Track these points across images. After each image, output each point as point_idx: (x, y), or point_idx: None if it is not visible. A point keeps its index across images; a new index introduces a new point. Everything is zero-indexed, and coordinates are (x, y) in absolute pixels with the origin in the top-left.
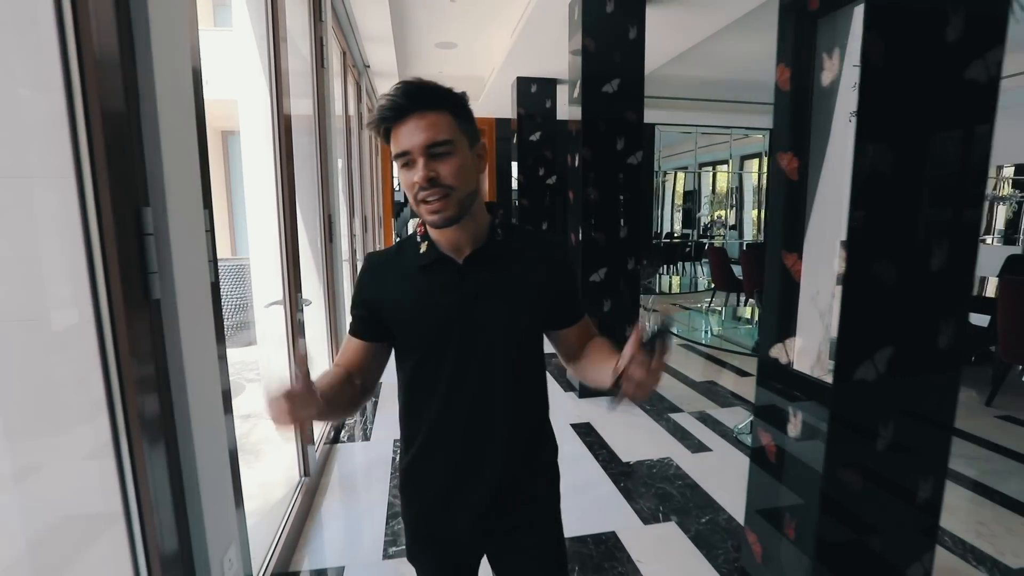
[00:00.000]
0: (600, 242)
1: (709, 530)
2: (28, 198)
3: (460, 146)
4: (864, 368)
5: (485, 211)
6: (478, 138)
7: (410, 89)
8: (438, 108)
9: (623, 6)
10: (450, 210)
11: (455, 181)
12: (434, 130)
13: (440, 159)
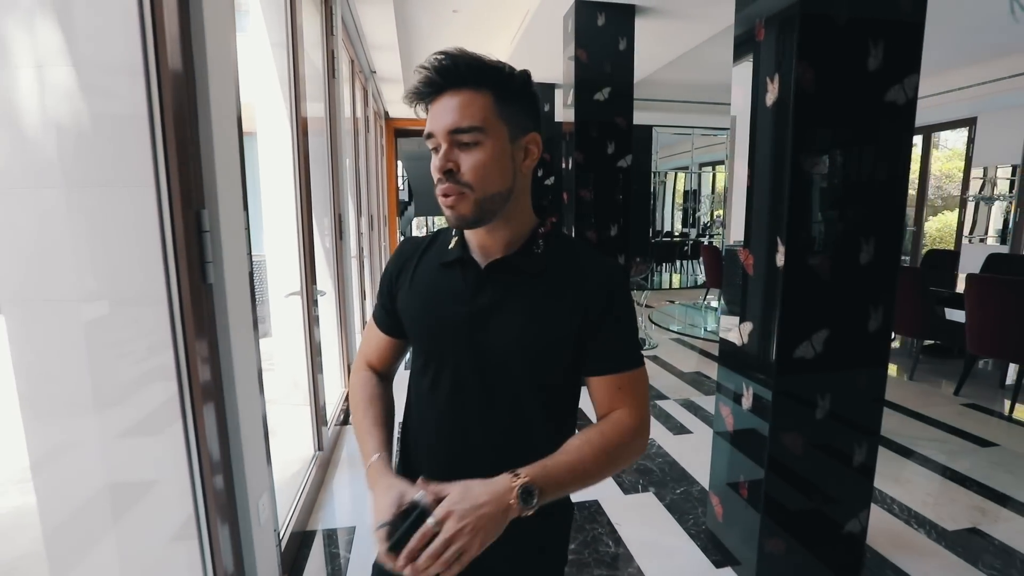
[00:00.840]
0: (592, 240)
1: (682, 499)
2: (122, 202)
3: (494, 136)
4: (803, 347)
5: (529, 214)
6: (529, 128)
7: (445, 62)
8: (477, 86)
9: (613, 19)
10: (464, 210)
11: (473, 178)
12: (462, 113)
13: (465, 148)
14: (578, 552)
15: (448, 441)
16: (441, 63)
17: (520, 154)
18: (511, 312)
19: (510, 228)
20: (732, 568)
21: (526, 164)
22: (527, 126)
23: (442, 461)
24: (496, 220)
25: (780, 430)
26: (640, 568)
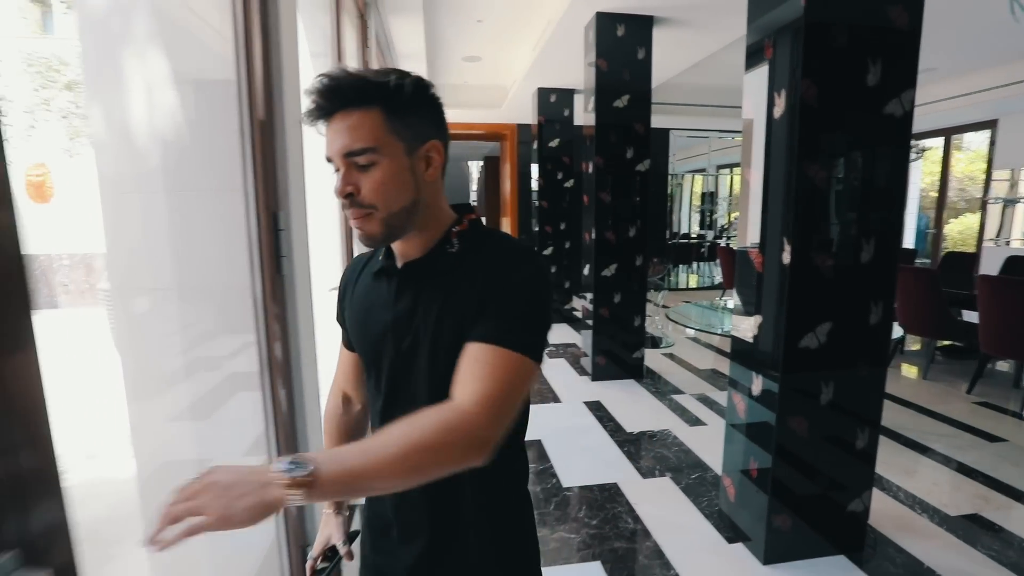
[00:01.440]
0: (611, 241)
1: (697, 483)
2: (216, 205)
3: (389, 153)
4: (808, 338)
5: (444, 217)
6: (428, 136)
7: (327, 85)
8: (364, 105)
9: (632, 29)
10: (372, 230)
11: (375, 198)
12: (352, 135)
13: (363, 170)
14: (599, 527)
15: None
16: (326, 86)
17: (421, 164)
18: (426, 312)
19: (425, 233)
20: (744, 544)
21: (429, 173)
22: (425, 134)
23: None
24: (411, 229)
25: (787, 415)
26: (657, 542)
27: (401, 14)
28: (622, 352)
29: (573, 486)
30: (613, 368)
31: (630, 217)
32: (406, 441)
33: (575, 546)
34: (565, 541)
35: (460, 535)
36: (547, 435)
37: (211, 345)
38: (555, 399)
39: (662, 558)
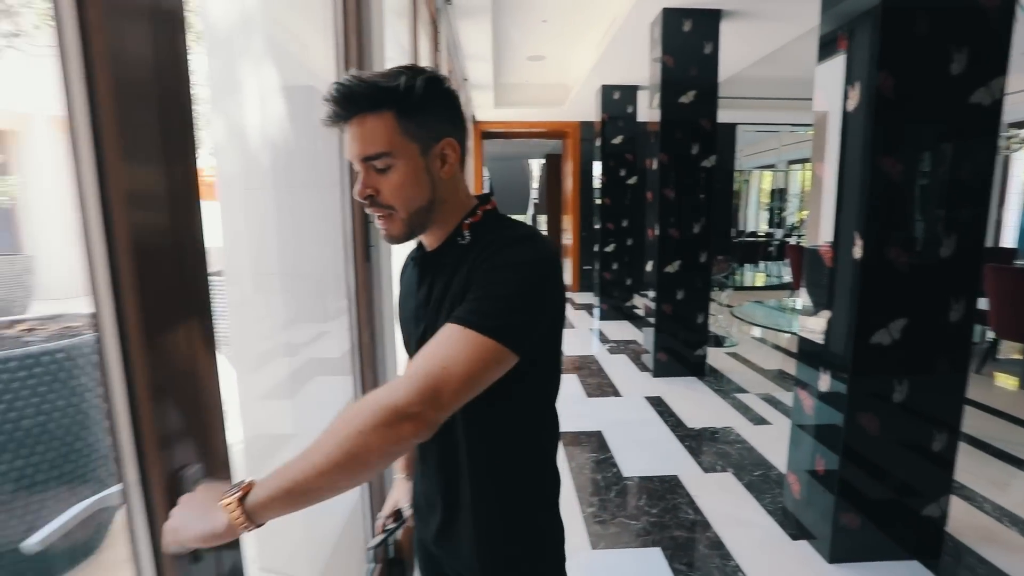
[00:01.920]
0: (674, 238)
1: (760, 480)
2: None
3: (404, 155)
4: (880, 334)
5: (463, 210)
6: (443, 134)
7: (342, 93)
8: (376, 109)
9: (699, 24)
10: (395, 230)
11: (394, 200)
12: (367, 140)
13: (380, 173)
14: (659, 516)
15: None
16: (340, 93)
17: (437, 163)
18: (436, 300)
19: (444, 227)
20: (808, 542)
21: (445, 170)
22: (440, 132)
23: (415, 456)
24: (432, 224)
25: (856, 412)
26: (717, 534)
27: (469, 18)
28: (684, 349)
29: (633, 476)
30: (675, 365)
31: (695, 214)
32: (343, 431)
33: (635, 532)
34: (625, 527)
35: (462, 515)
36: (607, 427)
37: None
38: (615, 393)
39: (722, 549)
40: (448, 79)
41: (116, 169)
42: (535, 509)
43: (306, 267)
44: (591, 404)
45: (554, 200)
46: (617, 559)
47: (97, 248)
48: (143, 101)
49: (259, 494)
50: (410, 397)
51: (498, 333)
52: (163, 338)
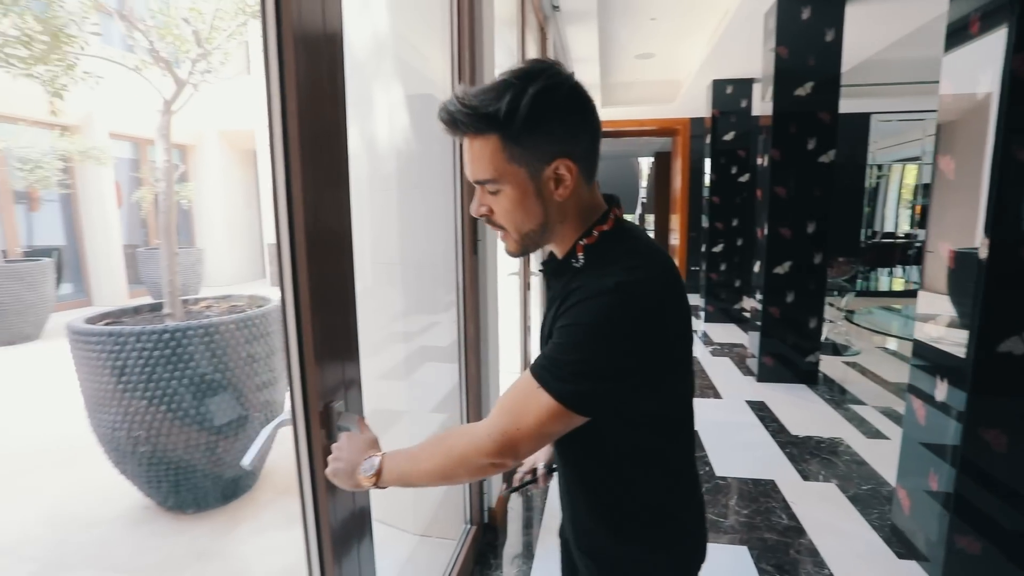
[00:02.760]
0: (786, 237)
1: (868, 495)
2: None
3: (511, 181)
4: (1011, 342)
5: (572, 229)
6: (555, 155)
7: (445, 119)
8: (482, 132)
9: (821, 10)
10: (511, 247)
11: (505, 222)
12: (475, 165)
13: (493, 194)
14: (750, 517)
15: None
16: (444, 119)
17: (549, 185)
18: (546, 316)
19: (562, 245)
20: (918, 563)
21: (559, 192)
22: (551, 153)
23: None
24: (549, 242)
25: (977, 424)
26: (812, 542)
27: (577, 23)
28: (793, 355)
29: (727, 476)
30: (782, 370)
31: (809, 212)
32: (436, 460)
33: (722, 528)
34: (712, 523)
35: (576, 515)
36: (703, 427)
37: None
38: (716, 395)
39: (816, 557)
40: (569, 80)
41: (297, 175)
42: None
43: (422, 259)
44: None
45: (662, 199)
46: None
47: (284, 240)
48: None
49: (386, 478)
50: (491, 452)
51: (564, 398)
52: (323, 311)
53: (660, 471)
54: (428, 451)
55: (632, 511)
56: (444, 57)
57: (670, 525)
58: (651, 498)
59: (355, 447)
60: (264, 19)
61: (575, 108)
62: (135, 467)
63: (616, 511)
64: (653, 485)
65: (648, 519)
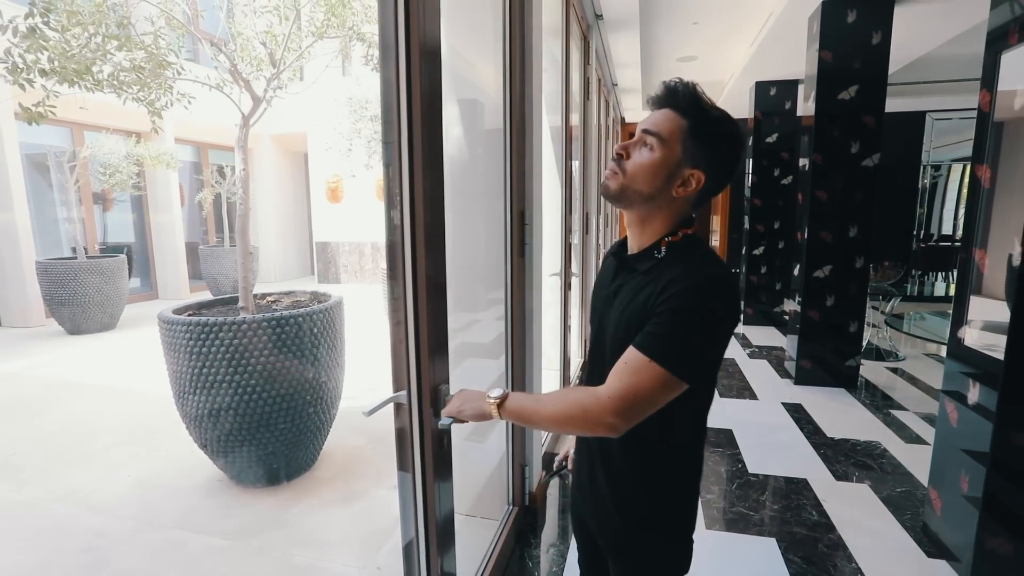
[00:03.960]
0: (826, 241)
1: (902, 497)
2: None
3: (667, 150)
4: None
5: (664, 224)
6: (699, 165)
7: (674, 86)
8: (682, 111)
9: (867, 13)
10: (611, 184)
11: (633, 168)
12: (658, 122)
13: (643, 147)
14: (780, 512)
15: None
16: (672, 85)
17: (679, 178)
18: (620, 299)
19: (647, 233)
20: (948, 562)
21: (680, 190)
22: (700, 163)
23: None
24: (633, 214)
25: (1011, 428)
26: (842, 538)
27: (620, 30)
28: (833, 358)
29: (759, 473)
30: (821, 374)
31: (851, 216)
32: (559, 406)
33: (752, 521)
34: (742, 515)
35: (595, 485)
36: (738, 426)
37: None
38: (752, 396)
39: (844, 551)
40: (744, 140)
41: (418, 176)
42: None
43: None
44: (724, 403)
45: None
46: (728, 540)
47: (407, 238)
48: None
49: (508, 407)
50: (609, 413)
51: (677, 368)
52: (432, 305)
53: (692, 446)
54: (552, 398)
55: (664, 479)
56: (492, 67)
57: (689, 496)
58: (680, 468)
59: (472, 392)
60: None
61: (734, 154)
62: (215, 443)
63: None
64: (685, 456)
65: (674, 490)
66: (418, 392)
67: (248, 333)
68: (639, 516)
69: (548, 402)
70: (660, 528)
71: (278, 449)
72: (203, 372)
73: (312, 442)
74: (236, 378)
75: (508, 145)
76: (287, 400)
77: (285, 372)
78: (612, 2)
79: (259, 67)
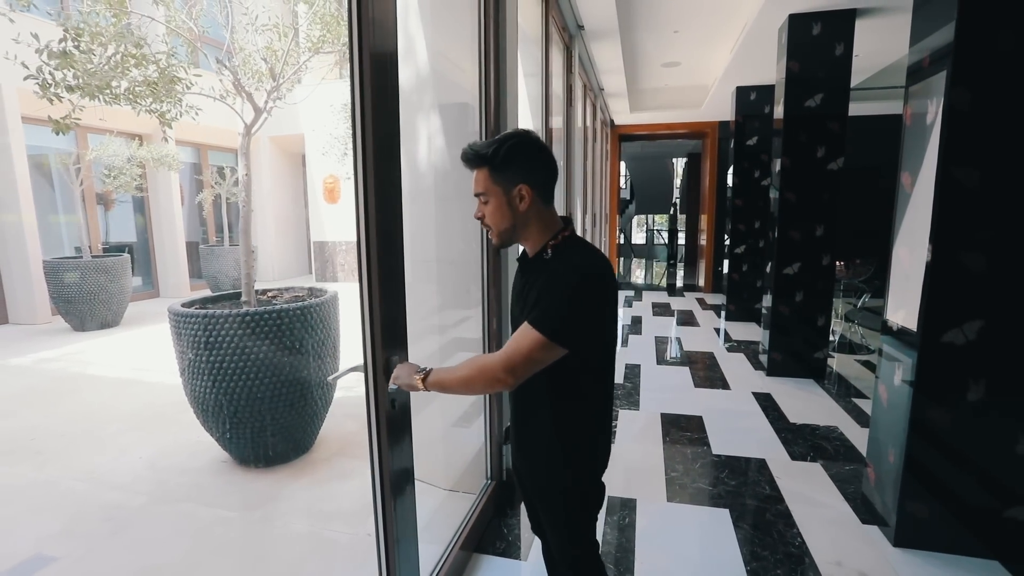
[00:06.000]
0: (795, 239)
1: (850, 474)
2: (461, 208)
3: (494, 194)
4: (952, 334)
5: (543, 233)
6: (518, 182)
7: (463, 156)
8: (479, 166)
9: (830, 26)
10: (494, 239)
11: (490, 222)
12: (477, 183)
13: (485, 204)
14: (736, 488)
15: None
16: (463, 156)
17: (516, 200)
18: (523, 295)
19: (531, 244)
20: (879, 527)
21: (522, 205)
22: (515, 181)
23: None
24: (519, 241)
25: (926, 406)
26: (789, 509)
27: (602, 39)
28: (802, 350)
29: (721, 454)
30: (791, 365)
31: (817, 217)
32: (464, 371)
33: (709, 495)
34: (700, 490)
35: (520, 439)
36: (708, 413)
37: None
38: (724, 386)
39: (788, 519)
40: (532, 141)
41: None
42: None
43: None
44: (696, 393)
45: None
46: (684, 511)
47: (363, 231)
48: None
49: (430, 380)
50: (500, 370)
51: (551, 333)
52: (386, 303)
53: (589, 403)
54: (461, 366)
55: (567, 429)
56: (470, 74)
57: (590, 443)
58: (580, 421)
59: (409, 366)
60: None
61: (533, 155)
62: (220, 427)
63: (557, 430)
64: (583, 411)
65: (576, 438)
66: (373, 361)
67: (252, 324)
68: (549, 460)
69: (458, 369)
70: (568, 469)
71: (278, 432)
72: (210, 360)
73: (310, 426)
74: (240, 365)
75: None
76: (287, 386)
77: (285, 360)
78: (592, 13)
79: (260, 80)
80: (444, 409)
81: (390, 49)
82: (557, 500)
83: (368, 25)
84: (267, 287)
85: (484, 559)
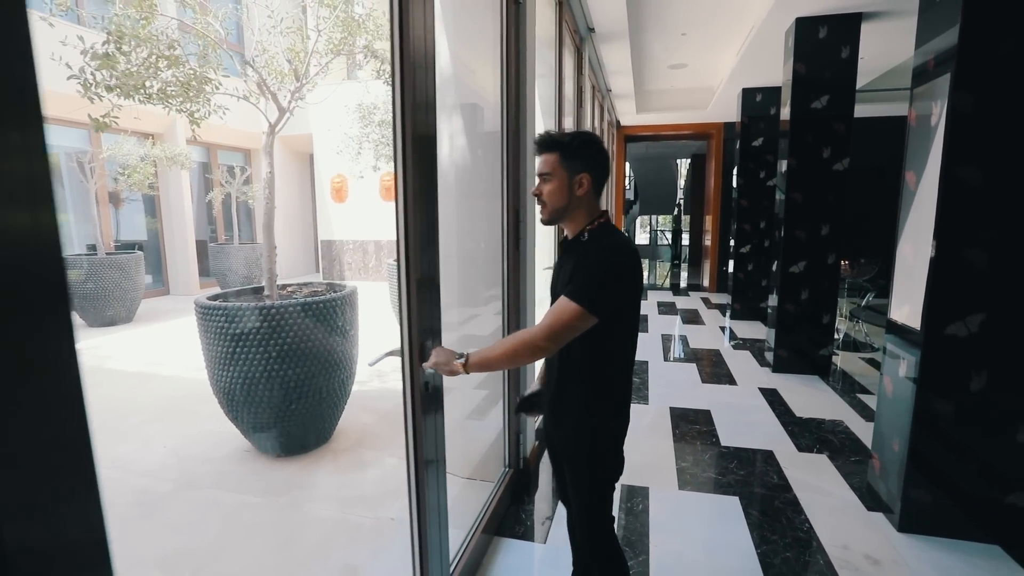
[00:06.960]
0: (801, 239)
1: (855, 465)
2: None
3: (558, 176)
4: (955, 326)
5: (584, 218)
6: (580, 170)
7: (538, 141)
8: (550, 150)
9: (836, 30)
10: (544, 216)
11: (547, 199)
12: (542, 164)
13: (545, 182)
14: (745, 477)
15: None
16: (539, 140)
17: (576, 185)
18: (562, 272)
19: (573, 226)
20: (884, 514)
21: (579, 192)
22: (580, 169)
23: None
24: (564, 221)
25: (930, 397)
26: (796, 497)
27: (611, 41)
28: (807, 348)
29: (730, 446)
30: (796, 362)
31: (823, 216)
32: (508, 345)
33: (718, 483)
34: (711, 479)
35: (552, 407)
36: (716, 407)
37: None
38: (731, 382)
39: (796, 506)
40: (599, 141)
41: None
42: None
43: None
44: (704, 388)
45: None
46: (697, 498)
47: (402, 229)
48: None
49: (472, 361)
50: (541, 339)
51: (586, 303)
52: (422, 292)
53: (615, 384)
54: (502, 343)
55: (595, 404)
56: (491, 77)
57: (616, 413)
58: (606, 396)
59: (446, 352)
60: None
61: (599, 151)
62: (245, 416)
63: (587, 404)
64: (609, 388)
65: (602, 411)
66: (409, 346)
67: (276, 317)
68: (579, 429)
69: (499, 346)
70: (593, 436)
71: (300, 421)
72: (236, 351)
73: (330, 416)
74: (264, 355)
75: (505, 147)
76: (308, 377)
77: (307, 351)
78: (603, 16)
79: (282, 80)
80: (462, 399)
81: (428, 59)
82: (584, 465)
83: (408, 39)
84: (283, 283)
85: (504, 542)
